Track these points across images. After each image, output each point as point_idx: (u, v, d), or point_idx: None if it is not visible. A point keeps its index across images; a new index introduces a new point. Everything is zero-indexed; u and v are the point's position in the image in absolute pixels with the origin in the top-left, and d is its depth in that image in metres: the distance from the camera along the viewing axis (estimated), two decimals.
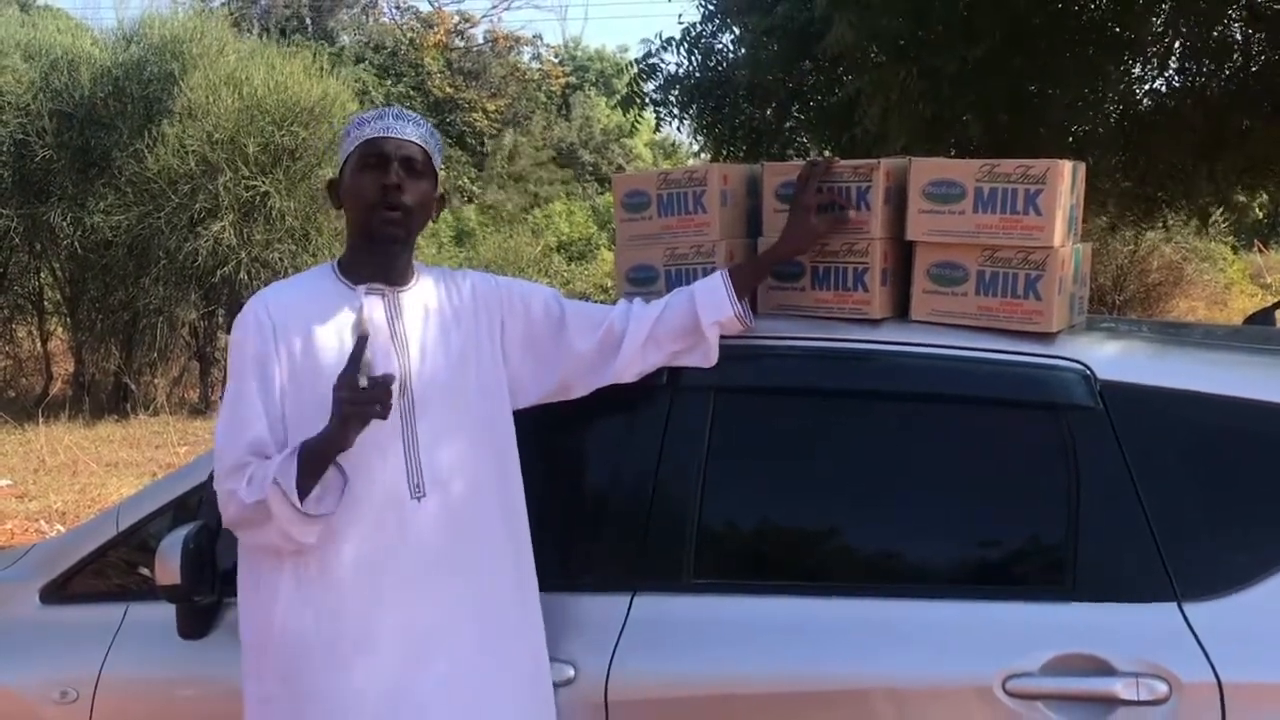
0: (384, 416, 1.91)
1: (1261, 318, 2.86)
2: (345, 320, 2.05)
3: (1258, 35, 6.49)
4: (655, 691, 2.10)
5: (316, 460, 1.94)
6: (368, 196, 2.07)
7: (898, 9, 5.10)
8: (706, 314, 2.19)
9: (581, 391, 2.24)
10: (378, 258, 2.11)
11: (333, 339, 2.04)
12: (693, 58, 7.44)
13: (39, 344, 14.13)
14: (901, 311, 2.27)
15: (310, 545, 1.98)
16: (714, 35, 7.43)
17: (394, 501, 2.02)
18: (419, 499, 2.04)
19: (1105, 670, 1.88)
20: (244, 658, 2.11)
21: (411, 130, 2.11)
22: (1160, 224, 8.72)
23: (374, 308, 2.08)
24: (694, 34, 7.41)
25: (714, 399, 2.25)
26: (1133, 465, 1.99)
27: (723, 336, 2.21)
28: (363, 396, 1.88)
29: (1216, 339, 2.55)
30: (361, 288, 2.09)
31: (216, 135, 11.97)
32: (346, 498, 1.99)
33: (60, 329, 14.23)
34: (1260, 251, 20.68)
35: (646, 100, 7.73)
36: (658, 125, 8.07)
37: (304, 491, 1.93)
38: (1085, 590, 1.96)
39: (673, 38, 7.44)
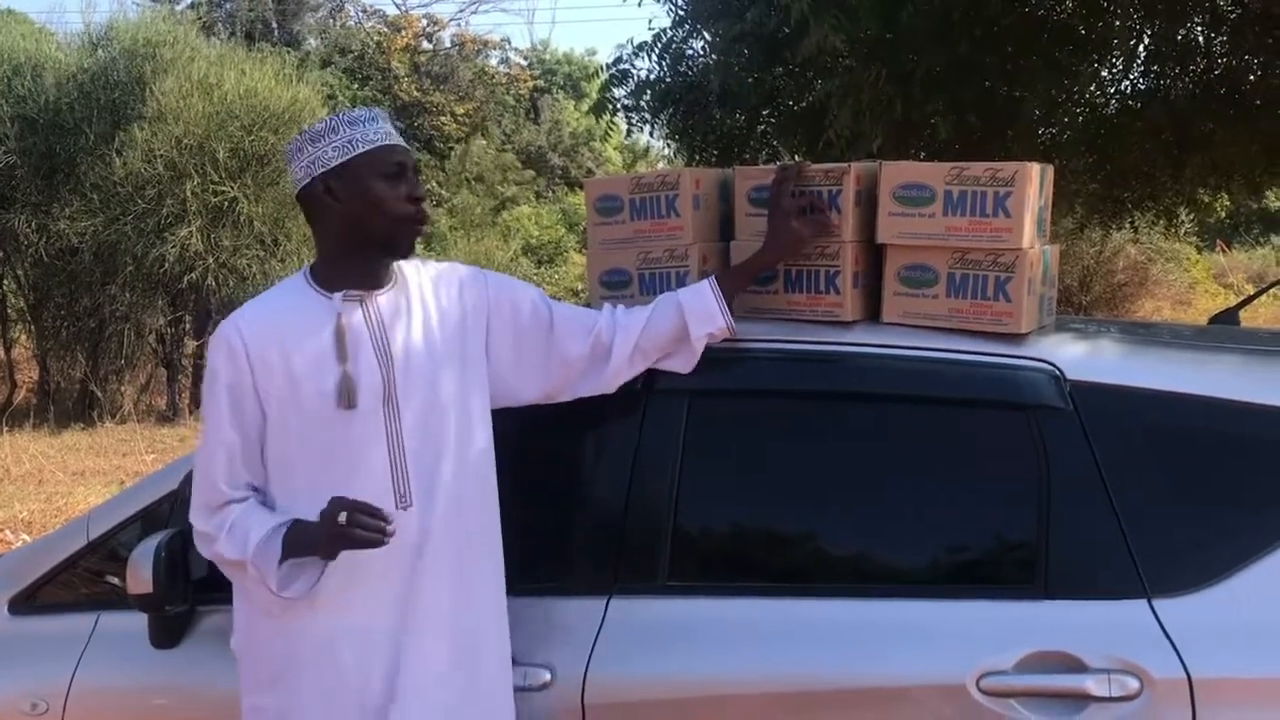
0: (376, 545, 1.90)
1: (1226, 317, 2.90)
2: (323, 331, 2.03)
3: (1219, 39, 6.58)
4: (632, 694, 2.11)
5: (299, 553, 1.96)
6: (401, 210, 2.04)
7: (873, 11, 5.13)
8: (697, 325, 2.18)
9: (566, 398, 2.24)
10: (373, 266, 2.08)
11: (310, 352, 2.02)
12: (663, 63, 7.45)
13: (2, 351, 13.95)
14: (873, 314, 2.28)
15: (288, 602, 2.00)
16: (684, 41, 7.44)
17: None
18: (405, 508, 2.02)
19: (1077, 667, 1.90)
20: (239, 668, 2.11)
21: (398, 135, 2.12)
22: (1129, 224, 8.81)
23: (352, 315, 2.05)
24: (665, 40, 7.42)
25: (688, 402, 2.25)
26: (1102, 464, 2.02)
27: None
28: (357, 525, 1.88)
29: (1183, 339, 2.59)
30: (338, 295, 2.05)
31: (185, 140, 11.88)
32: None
33: (24, 336, 14.07)
34: (1223, 252, 20.94)
35: (618, 106, 7.73)
36: (629, 132, 8.07)
37: (282, 560, 1.96)
38: (1057, 588, 1.98)
39: (644, 43, 7.46)
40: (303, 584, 1.97)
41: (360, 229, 2.06)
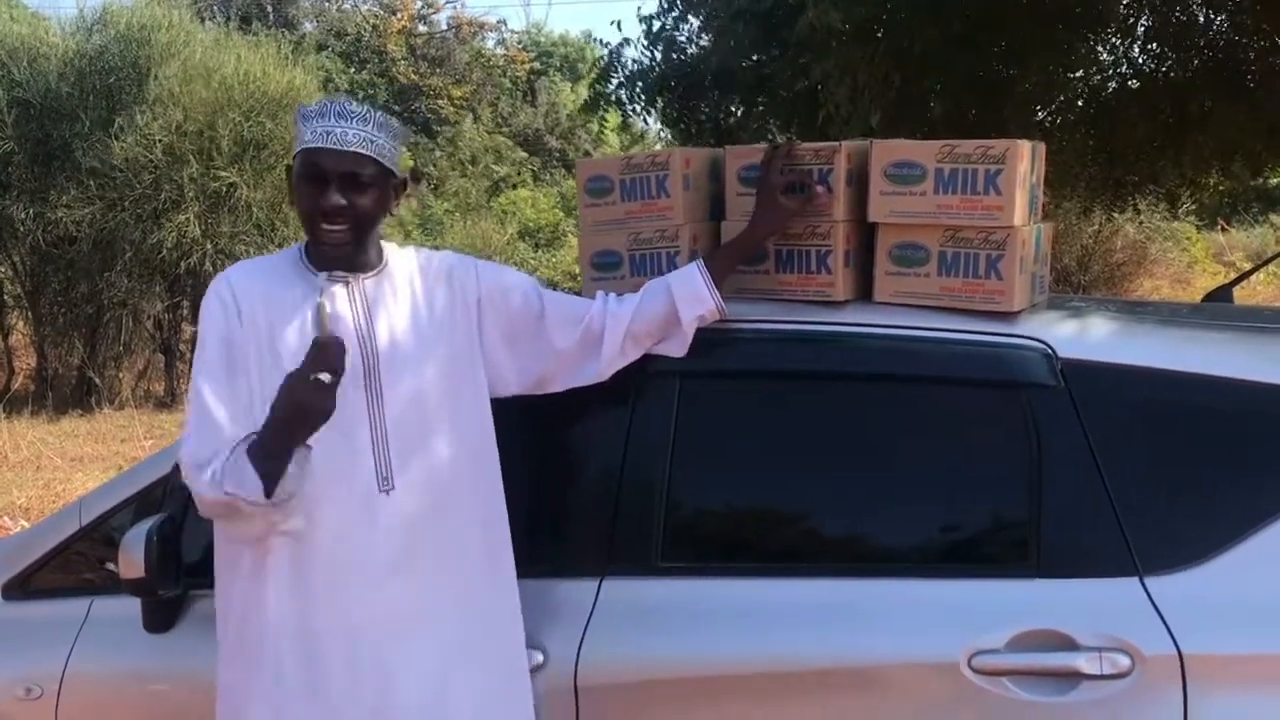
0: (325, 411, 1.85)
1: (1220, 295, 2.89)
2: (305, 307, 2.02)
3: (1219, 19, 6.55)
4: (624, 675, 2.11)
5: (273, 452, 1.88)
6: (307, 213, 2.03)
7: None
8: (686, 309, 2.17)
9: (559, 387, 2.22)
10: (332, 255, 2.07)
11: (294, 326, 2.01)
12: (654, 51, 7.43)
13: (0, 339, 13.95)
14: (865, 293, 2.28)
15: (295, 525, 1.95)
16: (675, 27, 7.42)
17: (361, 494, 2.00)
18: (387, 491, 2.01)
19: (1069, 645, 1.90)
20: (220, 646, 2.10)
21: (354, 134, 2.00)
22: (1130, 207, 8.77)
23: (337, 296, 2.04)
24: (655, 28, 7.40)
25: (679, 383, 2.25)
26: (1094, 442, 2.01)
27: None
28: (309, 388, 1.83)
29: (1177, 316, 2.58)
30: (324, 275, 2.04)
31: (182, 126, 11.84)
32: (311, 491, 1.96)
33: (21, 323, 14.05)
34: (1223, 230, 20.90)
35: (610, 100, 7.72)
36: (624, 124, 8.06)
37: (273, 479, 1.87)
38: (1049, 567, 1.98)
39: (627, 39, 7.49)
40: (292, 480, 1.90)
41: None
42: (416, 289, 2.13)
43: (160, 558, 2.22)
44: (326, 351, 1.85)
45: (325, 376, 1.83)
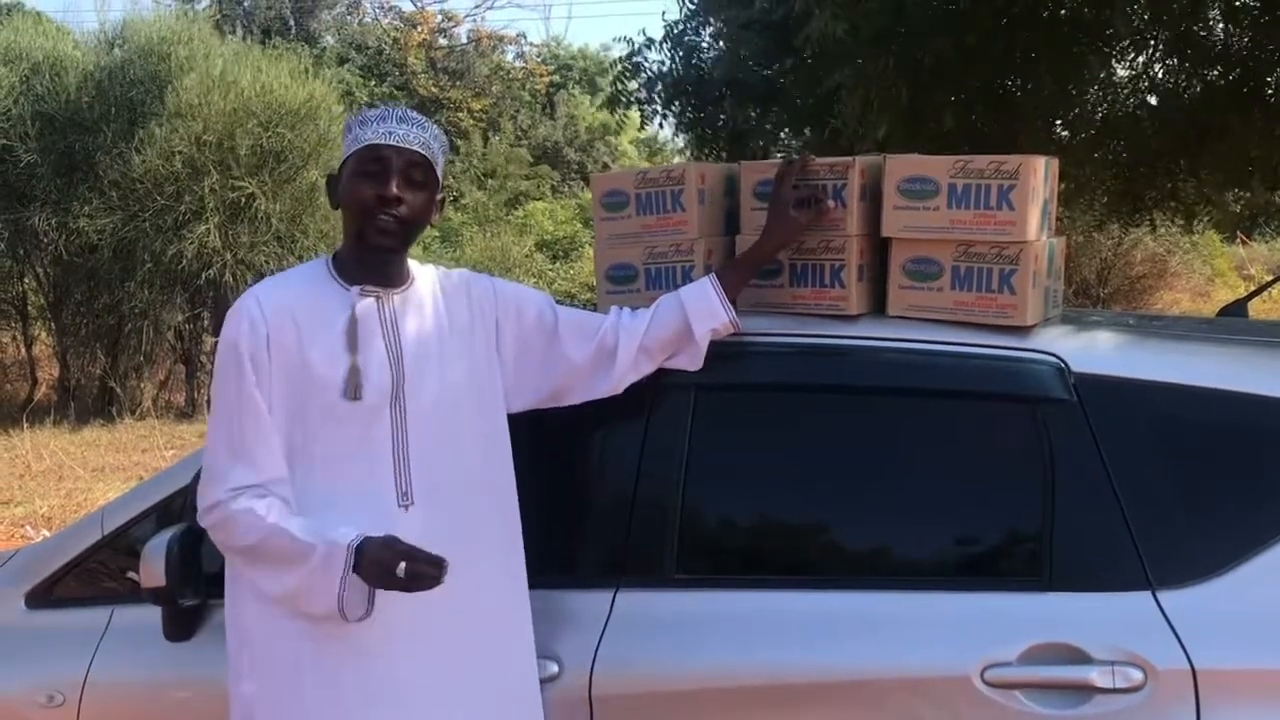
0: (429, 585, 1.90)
1: (1235, 309, 2.89)
2: (338, 321, 2.04)
3: (1237, 34, 6.53)
4: (639, 686, 2.12)
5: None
6: (364, 204, 2.04)
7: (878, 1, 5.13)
8: (699, 322, 2.19)
9: (573, 401, 2.24)
10: (372, 262, 2.09)
11: (324, 341, 2.02)
12: (675, 55, 7.46)
13: (23, 349, 14.06)
14: (878, 307, 2.29)
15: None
16: (696, 33, 7.46)
17: (381, 510, 2.01)
18: (406, 507, 2.03)
19: (1082, 659, 1.91)
20: (231, 658, 2.11)
21: (415, 136, 2.07)
22: (1147, 222, 8.74)
23: (367, 309, 2.06)
24: (676, 32, 7.44)
25: (694, 395, 2.26)
26: (1107, 456, 2.02)
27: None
28: (414, 575, 1.88)
29: (1190, 331, 2.58)
30: (356, 289, 2.06)
31: (203, 138, 11.94)
32: (333, 506, 1.99)
33: (45, 334, 14.17)
34: (1244, 244, 20.78)
35: (632, 99, 7.76)
36: (642, 124, 8.07)
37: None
38: (1061, 580, 1.98)
39: (651, 40, 7.50)
40: (358, 606, 1.96)
41: (347, 226, 2.10)
42: (440, 305, 2.16)
43: (180, 567, 2.24)
44: (417, 559, 1.90)
45: (401, 568, 1.88)
